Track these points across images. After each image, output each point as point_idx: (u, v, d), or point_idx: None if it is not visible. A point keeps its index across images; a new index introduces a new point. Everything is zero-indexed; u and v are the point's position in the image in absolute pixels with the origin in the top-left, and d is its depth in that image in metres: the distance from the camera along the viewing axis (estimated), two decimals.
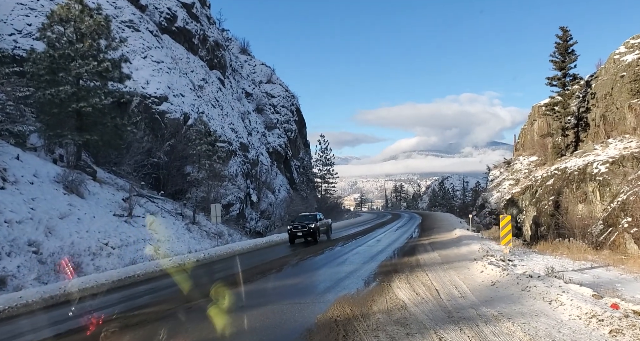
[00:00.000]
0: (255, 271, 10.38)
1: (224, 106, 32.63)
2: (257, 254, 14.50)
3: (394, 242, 15.95)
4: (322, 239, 19.24)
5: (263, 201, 35.74)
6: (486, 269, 8.36)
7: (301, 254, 13.12)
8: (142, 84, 23.65)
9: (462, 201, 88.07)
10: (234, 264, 11.64)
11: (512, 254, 10.48)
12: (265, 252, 15.06)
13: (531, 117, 52.32)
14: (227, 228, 22.82)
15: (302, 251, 14.36)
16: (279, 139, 45.85)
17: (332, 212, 48.90)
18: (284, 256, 12.98)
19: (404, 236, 18.87)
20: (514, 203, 34.31)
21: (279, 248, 16.31)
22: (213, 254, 13.92)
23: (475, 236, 15.06)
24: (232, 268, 11.23)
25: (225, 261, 12.61)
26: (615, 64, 32.96)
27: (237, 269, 10.61)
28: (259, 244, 17.25)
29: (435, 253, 11.94)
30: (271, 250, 15.65)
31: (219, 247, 15.93)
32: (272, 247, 16.69)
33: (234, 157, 30.67)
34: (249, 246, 16.43)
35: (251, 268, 10.96)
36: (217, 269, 11.27)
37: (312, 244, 16.78)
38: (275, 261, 12.13)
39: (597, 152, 27.96)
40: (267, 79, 49.93)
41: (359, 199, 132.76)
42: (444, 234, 17.59)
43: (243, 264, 11.42)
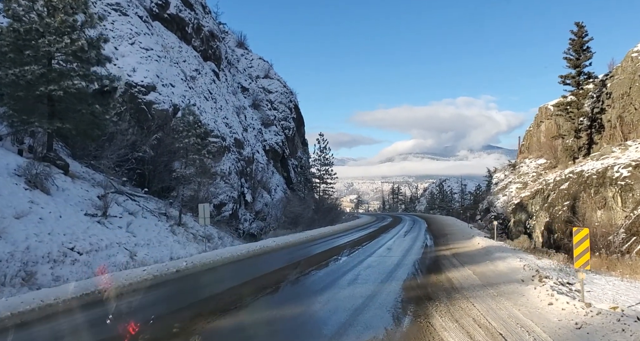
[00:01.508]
0: (243, 291, 8.13)
1: (218, 99, 30.64)
2: (248, 264, 12.45)
3: (409, 252, 13.75)
4: (323, 246, 17.29)
5: (258, 201, 33.76)
6: (556, 301, 6.31)
7: (301, 265, 10.95)
8: (128, 71, 21.65)
9: (460, 204, 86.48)
10: (218, 279, 9.62)
11: (559, 270, 8.51)
12: (258, 261, 13.01)
13: (538, 118, 50.62)
14: (217, 230, 20.85)
15: (301, 261, 12.22)
16: (276, 137, 43.90)
17: (330, 213, 46.98)
18: (280, 269, 10.94)
19: (416, 243, 16.74)
20: (523, 207, 32.50)
21: (275, 256, 14.26)
22: (197, 262, 11.90)
23: (502, 246, 13.08)
24: (215, 284, 9.03)
25: (209, 273, 10.53)
26: (633, 62, 31.22)
27: (220, 287, 8.50)
28: (252, 250, 15.25)
29: (466, 269, 9.87)
30: (266, 259, 13.58)
31: (206, 253, 13.94)
32: (267, 254, 14.64)
33: (227, 154, 28.68)
34: (240, 252, 14.43)
35: (240, 285, 8.89)
36: (196, 285, 9.00)
37: (313, 252, 14.80)
38: (270, 276, 9.91)
39: (616, 155, 26.18)
40: (265, 74, 47.95)
41: (355, 201, 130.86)
42: (464, 243, 15.57)
43: (230, 279, 9.45)
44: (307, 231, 25.64)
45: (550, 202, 28.49)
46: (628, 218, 22.31)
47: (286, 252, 15.11)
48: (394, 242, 17.34)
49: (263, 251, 15.36)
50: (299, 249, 15.91)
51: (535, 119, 51.68)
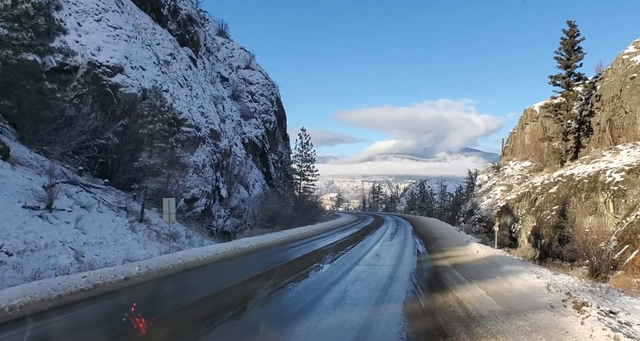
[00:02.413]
0: (197, 314, 6.20)
1: (194, 87, 28.67)
2: (214, 271, 10.68)
3: (401, 260, 11.96)
4: (302, 250, 15.67)
5: (234, 197, 31.92)
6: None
7: (276, 275, 9.36)
8: (91, 49, 19.57)
9: (440, 205, 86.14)
10: (171, 292, 7.81)
11: (589, 291, 7.03)
12: (226, 267, 11.25)
13: (522, 120, 50.04)
14: (185, 227, 19.04)
15: (277, 269, 10.32)
16: (256, 130, 42.04)
17: (310, 211, 45.41)
18: (250, 279, 9.11)
19: (406, 249, 15.07)
20: (509, 210, 31.54)
21: (247, 260, 12.53)
22: (154, 267, 10.14)
23: (506, 256, 11.59)
24: (164, 301, 7.21)
25: (163, 283, 8.72)
26: (624, 64, 30.51)
27: (169, 306, 6.58)
28: (222, 252, 13.51)
29: (476, 286, 8.10)
30: (235, 264, 11.84)
31: (167, 256, 12.17)
32: (238, 258, 12.90)
33: (202, 145, 26.78)
34: (207, 255, 12.70)
35: (195, 303, 6.97)
36: (139, 302, 7.08)
37: (290, 257, 13.14)
38: (236, 290, 8.08)
39: (607, 159, 25.32)
40: (246, 65, 45.97)
41: (336, 199, 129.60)
42: (461, 251, 14.03)
43: (186, 293, 7.69)
44: (286, 231, 24.00)
45: (538, 206, 27.53)
46: (620, 224, 21.40)
47: (260, 256, 13.41)
48: (381, 247, 15.75)
49: (234, 253, 13.64)
50: (275, 253, 14.24)
51: (519, 121, 51.11)
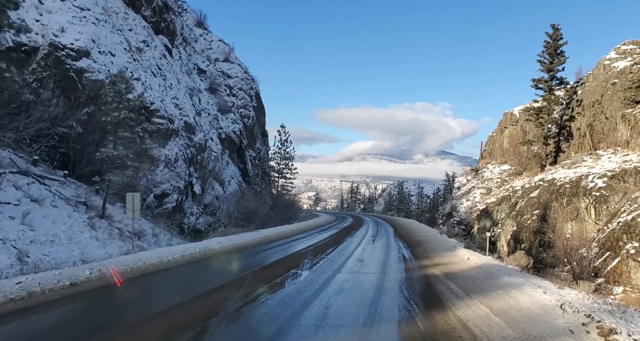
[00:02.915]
0: (144, 337, 5.15)
1: (168, 77, 27.24)
2: (177, 277, 9.51)
3: (387, 267, 11.27)
4: (278, 252, 14.63)
5: (208, 194, 30.60)
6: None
7: (247, 284, 8.27)
8: (54, 30, 18.04)
9: (417, 206, 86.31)
10: (122, 304, 6.59)
11: (608, 312, 6.11)
12: (192, 272, 10.10)
13: (502, 124, 50.13)
14: (152, 225, 17.75)
15: (249, 275, 9.41)
16: (234, 125, 40.70)
17: (287, 210, 44.30)
18: (218, 288, 7.98)
19: (391, 253, 13.97)
20: (488, 214, 31.19)
21: (216, 264, 11.39)
22: (108, 270, 8.98)
23: (501, 265, 10.70)
24: (111, 315, 6.20)
25: (115, 290, 7.59)
26: (605, 70, 30.52)
27: (113, 326, 5.39)
28: (189, 254, 12.35)
29: (477, 303, 7.05)
30: (203, 269, 10.68)
31: (128, 257, 10.96)
32: (207, 261, 11.76)
33: (174, 138, 25.41)
34: (173, 257, 11.53)
35: (145, 320, 5.85)
36: (81, 316, 6.06)
37: (265, 262, 12.05)
38: (200, 302, 6.93)
39: (588, 164, 25.12)
40: (225, 57, 44.51)
41: (314, 198, 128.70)
42: (450, 257, 13.12)
43: (137, 307, 6.52)
44: (262, 230, 22.89)
45: (519, 210, 27.19)
46: (601, 231, 21.12)
47: (232, 259, 12.28)
48: (364, 250, 14.77)
49: (203, 255, 12.50)
50: (249, 256, 13.15)
51: (499, 125, 51.21)
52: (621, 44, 30.94)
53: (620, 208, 20.85)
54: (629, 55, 29.70)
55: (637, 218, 18.78)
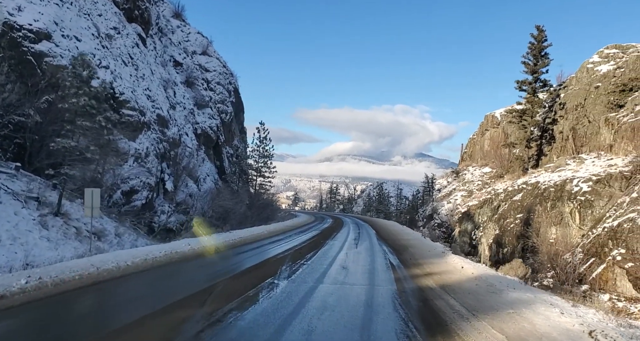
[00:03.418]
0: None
1: (140, 67, 25.70)
2: (132, 286, 8.18)
3: (374, 275, 10.18)
4: (253, 257, 13.48)
5: (181, 191, 29.12)
6: None
7: (214, 299, 7.07)
8: (9, 8, 16.44)
9: (396, 208, 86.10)
10: (52, 327, 5.30)
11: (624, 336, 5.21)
12: (152, 280, 8.89)
13: (483, 126, 50.02)
14: (116, 224, 16.33)
15: (217, 286, 8.21)
16: (211, 121, 39.22)
17: (265, 210, 42.99)
18: (178, 304, 6.72)
19: (377, 259, 13.16)
20: (470, 217, 30.67)
21: (182, 270, 10.15)
22: (51, 278, 7.66)
23: (500, 276, 9.63)
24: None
25: (51, 305, 6.26)
26: (588, 73, 30.40)
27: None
28: (153, 258, 11.06)
29: (487, 326, 5.94)
30: (165, 276, 9.45)
31: (80, 261, 9.65)
32: (172, 266, 10.52)
33: (146, 132, 23.93)
34: (133, 261, 10.25)
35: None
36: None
37: (237, 268, 10.83)
38: (151, 324, 5.66)
39: (572, 167, 24.77)
40: (203, 51, 42.95)
41: (292, 198, 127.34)
42: (441, 265, 11.99)
43: (73, 330, 5.30)
44: (237, 231, 21.63)
45: (501, 213, 26.69)
46: (586, 236, 20.68)
47: (201, 264, 11.08)
48: (347, 255, 13.65)
49: (168, 259, 11.24)
50: (220, 260, 11.94)
51: (480, 127, 51.11)
52: (604, 47, 30.89)
53: (605, 213, 20.44)
54: (612, 59, 29.62)
55: (623, 223, 18.33)
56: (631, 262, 17.12)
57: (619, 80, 27.16)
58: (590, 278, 18.88)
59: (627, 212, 18.51)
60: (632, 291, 16.87)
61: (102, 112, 13.17)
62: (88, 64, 13.21)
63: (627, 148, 23.68)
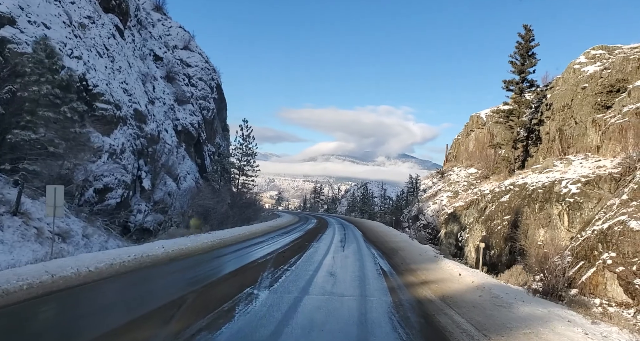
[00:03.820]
0: None
1: (117, 59, 24.47)
2: (89, 299, 7.19)
3: (365, 284, 9.16)
4: (232, 262, 12.55)
5: (159, 189, 27.97)
6: None
7: (183, 314, 6.08)
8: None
9: (380, 208, 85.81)
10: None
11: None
12: (114, 291, 7.80)
13: (468, 127, 49.83)
14: (84, 224, 15.22)
15: (187, 298, 7.16)
16: (192, 117, 38.04)
17: (247, 210, 41.93)
18: (142, 318, 5.84)
19: (367, 264, 12.23)
20: (456, 218, 30.20)
21: (152, 278, 9.14)
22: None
23: (504, 286, 8.78)
24: None
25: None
26: (575, 74, 30.21)
27: None
28: (120, 262, 10.03)
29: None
30: (130, 285, 8.41)
31: (35, 266, 8.60)
32: (141, 272, 9.49)
33: (122, 127, 22.75)
34: (97, 266, 9.23)
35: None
36: None
37: (213, 275, 9.84)
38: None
39: (559, 169, 24.44)
40: (184, 45, 41.71)
41: (276, 197, 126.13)
42: (434, 270, 11.10)
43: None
44: (217, 232, 20.62)
45: (488, 215, 26.23)
46: (575, 239, 20.29)
47: (174, 270, 10.10)
48: (334, 260, 12.71)
49: (138, 264, 10.24)
50: (196, 265, 10.99)
51: (465, 128, 50.93)
52: (590, 48, 30.77)
53: (595, 216, 20.08)
54: (598, 60, 29.49)
55: (613, 226, 17.92)
56: (622, 266, 16.68)
57: (605, 81, 26.98)
58: (579, 282, 18.44)
59: (618, 214, 18.12)
60: (622, 296, 16.44)
61: (68, 103, 12.09)
62: (52, 50, 12.11)
63: (615, 149, 23.44)
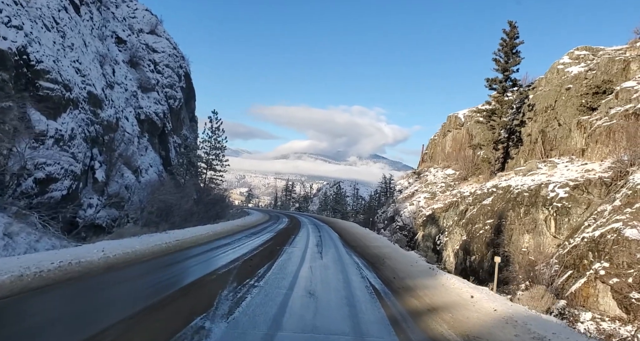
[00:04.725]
0: None
1: (69, 35, 21.81)
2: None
3: (358, 312, 6.95)
4: (186, 272, 10.48)
5: (115, 182, 25.35)
6: None
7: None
8: None
9: (352, 208, 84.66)
10: None
11: None
12: (9, 317, 5.73)
13: (445, 127, 48.96)
14: (7, 221, 12.77)
15: (109, 335, 4.87)
16: (157, 106, 35.35)
17: (215, 207, 39.51)
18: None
19: (352, 278, 10.09)
20: (435, 220, 28.87)
21: (70, 297, 6.80)
22: None
23: (535, 317, 6.94)
24: None
25: None
26: (559, 74, 29.38)
27: None
28: (34, 273, 7.77)
29: None
30: (37, 309, 5.83)
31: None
32: (61, 287, 7.24)
33: (72, 110, 20.18)
34: (5, 278, 7.08)
35: None
36: None
37: (159, 293, 7.63)
38: None
39: (544, 171, 23.38)
40: (151, 29, 38.89)
41: (246, 194, 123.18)
42: (437, 290, 8.78)
43: None
44: (176, 231, 18.35)
45: (469, 218, 24.96)
46: (562, 246, 19.16)
47: (103, 285, 7.87)
48: (312, 271, 10.53)
49: (62, 275, 8.05)
50: (136, 278, 8.81)
51: (442, 128, 50.09)
52: (574, 49, 30.08)
53: (584, 222, 18.99)
54: (582, 61, 28.77)
55: (606, 234, 16.76)
56: (616, 277, 15.47)
57: (591, 82, 26.18)
58: (568, 293, 17.21)
59: (610, 222, 16.99)
60: (616, 310, 15.22)
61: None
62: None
63: (601, 153, 22.54)
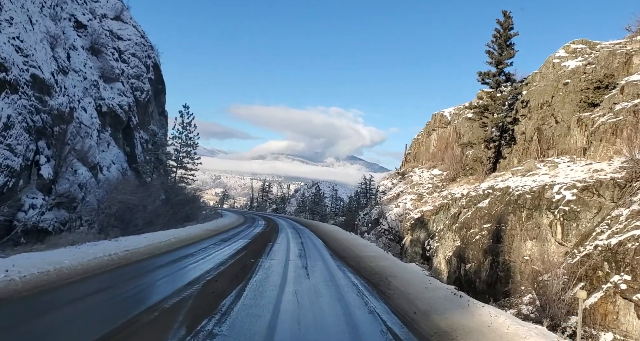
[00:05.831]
0: None
1: (8, 8, 18.66)
2: None
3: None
4: (126, 308, 7.85)
5: (66, 180, 22.20)
6: None
7: None
8: None
9: (331, 209, 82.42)
10: None
11: None
12: None
13: (429, 126, 47.15)
14: None
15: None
16: (121, 98, 32.20)
17: (185, 208, 36.38)
18: None
19: (357, 313, 7.45)
20: (424, 224, 26.70)
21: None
22: None
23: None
24: None
25: None
26: (555, 69, 27.63)
27: None
28: None
29: None
30: None
31: None
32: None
33: (9, 94, 17.08)
34: None
35: None
36: None
37: (99, 318, 5.01)
38: None
39: (545, 172, 21.47)
40: (115, 15, 35.67)
41: (221, 195, 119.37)
42: (479, 332, 6.82)
43: None
44: (128, 238, 15.55)
45: (464, 222, 22.87)
46: (571, 255, 17.17)
47: (12, 320, 5.30)
48: (297, 297, 7.67)
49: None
50: (39, 316, 6.12)
51: (426, 127, 48.30)
52: (570, 42, 28.48)
53: (595, 228, 17.04)
54: (579, 54, 27.16)
55: (626, 242, 14.71)
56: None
57: (591, 76, 24.49)
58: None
59: (630, 228, 14.99)
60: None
61: None
62: None
63: (607, 152, 20.76)
